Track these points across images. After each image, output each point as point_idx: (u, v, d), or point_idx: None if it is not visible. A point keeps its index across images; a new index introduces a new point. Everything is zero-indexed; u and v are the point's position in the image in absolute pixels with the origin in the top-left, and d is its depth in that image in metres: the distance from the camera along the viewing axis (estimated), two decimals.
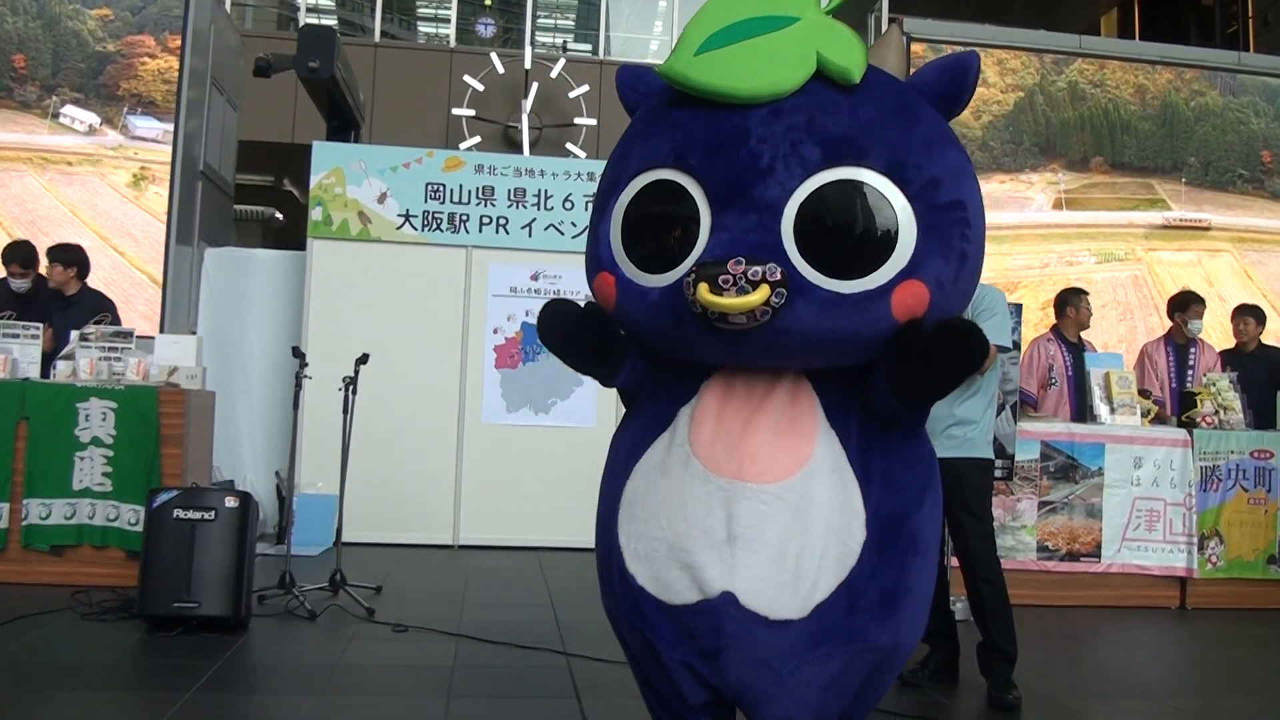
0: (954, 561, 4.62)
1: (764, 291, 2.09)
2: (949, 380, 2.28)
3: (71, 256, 6.98)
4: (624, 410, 2.70)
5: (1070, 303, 7.28)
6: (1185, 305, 7.61)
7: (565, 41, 18.06)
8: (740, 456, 2.32)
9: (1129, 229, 9.81)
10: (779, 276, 2.11)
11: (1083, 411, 6.90)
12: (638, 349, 2.52)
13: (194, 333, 7.70)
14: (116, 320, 6.89)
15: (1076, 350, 7.23)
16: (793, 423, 2.35)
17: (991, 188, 9.49)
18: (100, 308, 6.90)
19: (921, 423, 2.56)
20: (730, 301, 2.10)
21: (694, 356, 2.40)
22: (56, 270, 6.88)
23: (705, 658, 2.34)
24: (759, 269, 2.09)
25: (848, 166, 2.20)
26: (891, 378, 2.27)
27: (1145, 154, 9.94)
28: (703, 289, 2.10)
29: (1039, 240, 9.68)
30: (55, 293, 6.88)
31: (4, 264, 6.88)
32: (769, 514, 2.28)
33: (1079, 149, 9.87)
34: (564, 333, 2.50)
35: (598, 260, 2.44)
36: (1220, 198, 9.97)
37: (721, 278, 2.09)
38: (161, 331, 7.49)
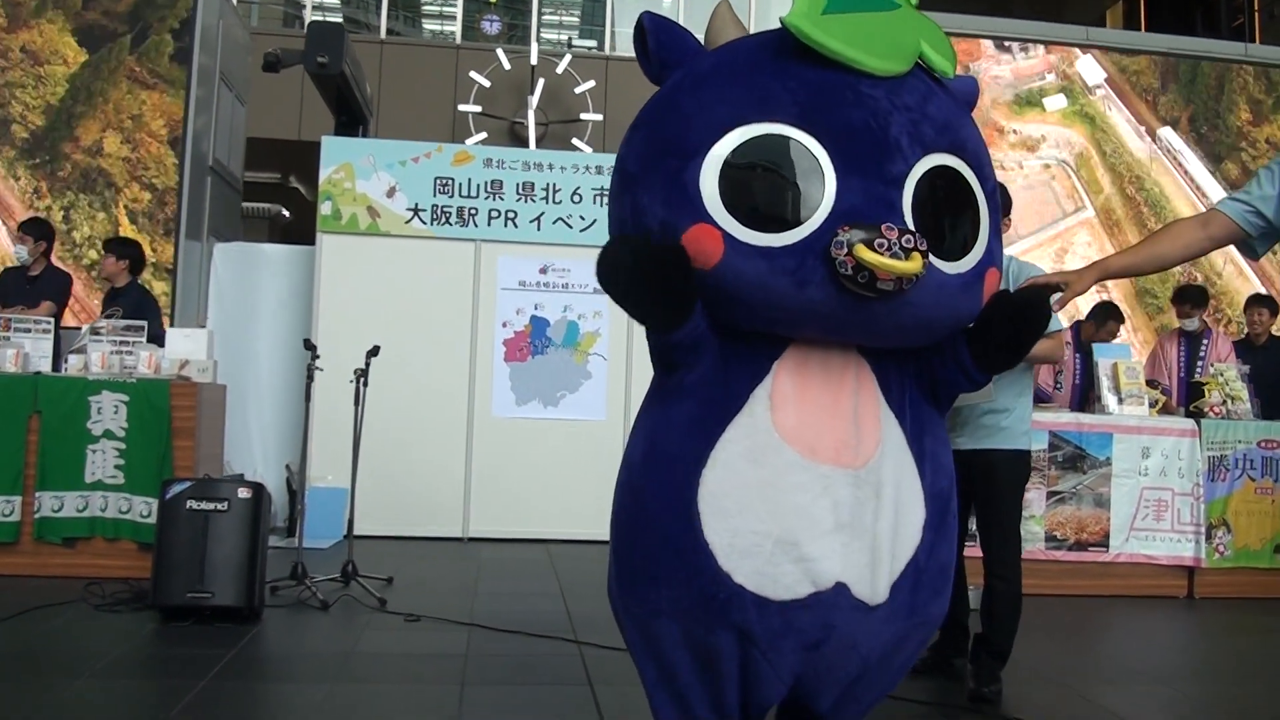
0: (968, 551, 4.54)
1: (919, 259, 2.09)
2: (1027, 346, 2.46)
3: (126, 250, 7.23)
4: (653, 390, 2.52)
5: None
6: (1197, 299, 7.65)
7: (571, 38, 18.08)
8: (833, 441, 2.31)
9: None
10: (925, 247, 2.12)
11: (1083, 401, 6.91)
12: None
13: (204, 327, 7.72)
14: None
15: (1085, 347, 7.23)
16: (865, 405, 2.38)
17: None
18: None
19: (953, 403, 2.66)
20: (894, 264, 2.07)
21: (790, 327, 2.31)
22: (109, 261, 7.16)
23: (804, 650, 2.33)
24: (910, 237, 2.10)
25: (949, 155, 2.30)
26: (975, 349, 2.40)
27: None
28: (861, 248, 2.07)
29: None
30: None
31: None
32: (864, 499, 2.32)
33: None
34: (636, 263, 2.20)
35: (688, 210, 2.21)
36: None
37: (877, 241, 2.07)
38: (172, 325, 7.53)
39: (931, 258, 2.18)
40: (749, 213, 2.18)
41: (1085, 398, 7.07)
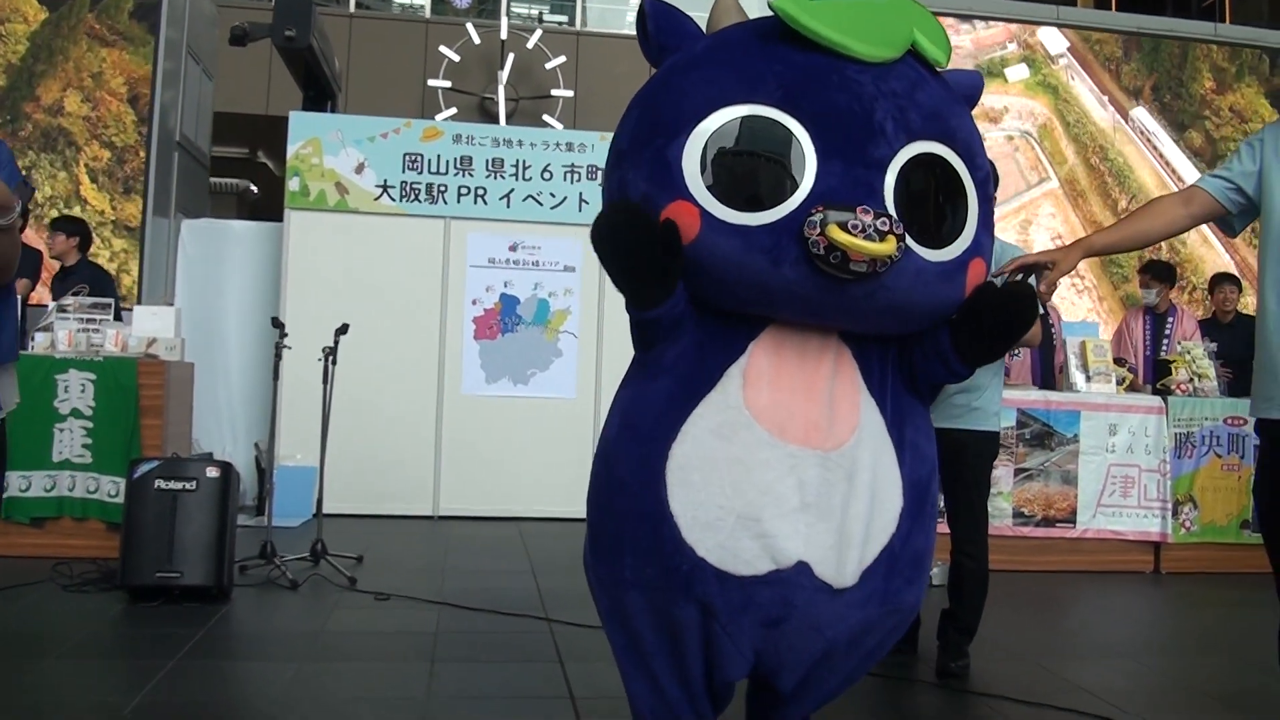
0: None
1: (893, 242, 2.10)
2: (1013, 339, 2.45)
3: (74, 228, 7.27)
4: (632, 367, 2.53)
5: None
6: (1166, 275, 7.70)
7: (541, 12, 17.97)
8: (803, 422, 2.32)
9: None
10: (901, 230, 2.13)
11: (1048, 379, 6.95)
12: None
13: (171, 304, 7.66)
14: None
15: (1041, 319, 7.24)
16: (842, 389, 2.39)
17: None
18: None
19: (937, 394, 2.65)
20: (866, 245, 2.08)
21: (767, 307, 2.32)
22: (59, 240, 7.14)
23: (763, 627, 2.33)
24: (886, 220, 2.11)
25: (939, 143, 2.30)
26: (958, 339, 2.39)
27: None
28: (834, 228, 2.08)
29: None
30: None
31: None
32: (834, 481, 2.32)
33: None
34: (631, 235, 2.23)
35: (669, 187, 2.24)
36: None
37: (851, 223, 2.08)
38: (139, 303, 7.47)
39: (912, 243, 2.18)
40: (728, 191, 2.21)
41: (1047, 364, 7.09)
